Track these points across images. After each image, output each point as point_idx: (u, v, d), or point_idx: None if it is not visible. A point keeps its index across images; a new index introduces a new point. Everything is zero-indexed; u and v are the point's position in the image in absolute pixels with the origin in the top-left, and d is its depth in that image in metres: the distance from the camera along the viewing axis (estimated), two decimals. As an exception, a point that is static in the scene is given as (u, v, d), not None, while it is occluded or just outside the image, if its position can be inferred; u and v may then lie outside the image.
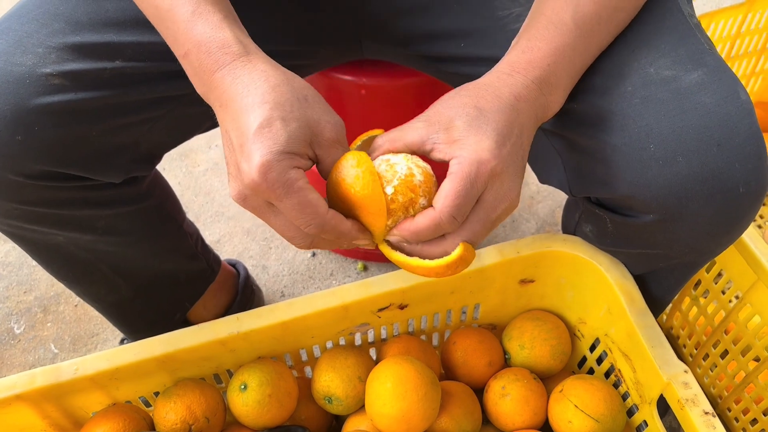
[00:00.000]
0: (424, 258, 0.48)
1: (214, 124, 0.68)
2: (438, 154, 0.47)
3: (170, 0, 0.47)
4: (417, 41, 0.66)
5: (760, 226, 1.09)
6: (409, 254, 0.49)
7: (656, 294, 0.70)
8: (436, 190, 0.47)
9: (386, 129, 0.94)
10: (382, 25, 0.66)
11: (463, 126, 0.46)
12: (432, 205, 0.46)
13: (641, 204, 0.53)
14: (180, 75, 0.58)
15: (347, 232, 0.47)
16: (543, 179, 0.65)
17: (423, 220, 0.46)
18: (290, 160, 0.43)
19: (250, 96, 0.44)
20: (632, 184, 0.52)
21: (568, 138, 0.58)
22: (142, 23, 0.55)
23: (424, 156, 0.49)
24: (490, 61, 0.59)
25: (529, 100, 0.49)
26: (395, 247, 0.50)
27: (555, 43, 0.50)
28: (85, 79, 0.55)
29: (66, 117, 0.55)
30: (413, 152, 0.49)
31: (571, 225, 0.71)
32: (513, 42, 0.53)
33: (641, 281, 0.69)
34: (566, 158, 0.59)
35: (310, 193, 0.44)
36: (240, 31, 0.47)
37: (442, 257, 0.48)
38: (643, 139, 0.51)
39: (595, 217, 0.62)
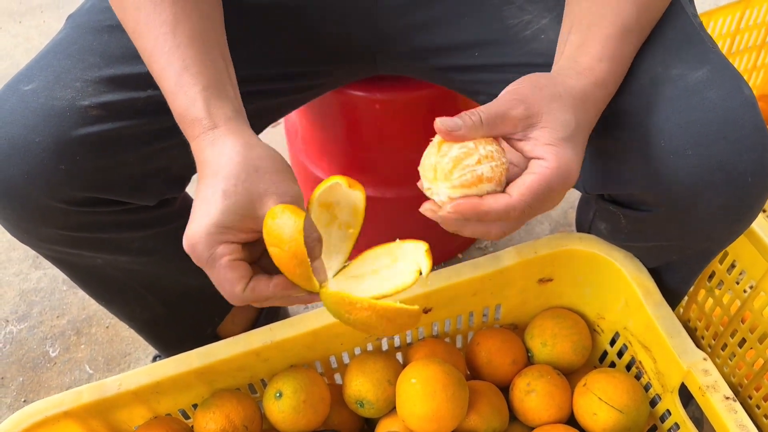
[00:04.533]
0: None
1: None
2: (526, 148, 0.48)
3: (162, 63, 0.51)
4: (431, 54, 0.69)
5: (770, 217, 1.11)
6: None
7: (672, 286, 0.72)
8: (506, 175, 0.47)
9: (400, 145, 0.98)
10: (396, 41, 0.69)
11: (563, 135, 0.47)
12: (504, 191, 0.47)
13: (654, 197, 0.56)
14: None
15: (271, 298, 0.50)
16: None
17: (494, 205, 0.46)
18: (220, 234, 0.47)
19: (208, 168, 0.49)
20: (645, 178, 0.55)
21: None
22: None
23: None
24: (505, 68, 0.62)
25: (601, 110, 0.52)
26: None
27: (612, 38, 0.52)
28: (120, 108, 0.59)
29: (105, 145, 0.59)
30: (504, 136, 0.49)
31: (585, 224, 0.73)
32: (578, 46, 0.53)
33: (656, 275, 0.71)
34: None
35: (229, 272, 0.48)
36: (219, 101, 0.51)
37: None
38: (654, 136, 0.53)
39: (609, 214, 0.65)
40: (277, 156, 0.50)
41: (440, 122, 0.47)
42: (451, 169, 0.46)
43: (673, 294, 0.74)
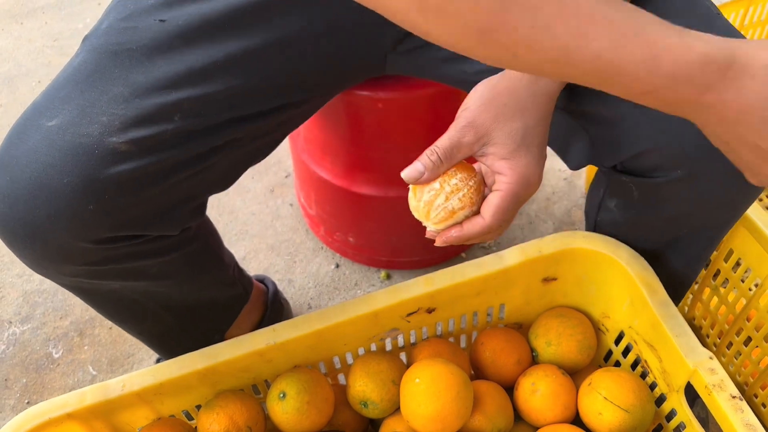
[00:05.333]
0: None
1: (257, 160, 0.70)
2: (487, 163, 0.54)
3: (609, 46, 0.40)
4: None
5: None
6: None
7: (679, 270, 0.72)
8: (480, 192, 0.56)
9: (403, 144, 0.97)
10: (413, 36, 0.66)
11: (513, 146, 0.53)
12: (479, 212, 0.56)
13: (670, 160, 0.56)
14: (234, 121, 0.60)
15: None
16: (573, 164, 0.67)
17: (473, 229, 0.56)
18: None
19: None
20: (661, 140, 0.55)
21: (591, 112, 0.60)
22: (195, 74, 0.57)
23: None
24: None
25: (557, 92, 0.53)
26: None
27: None
28: (149, 143, 0.56)
29: (134, 182, 0.57)
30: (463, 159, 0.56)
31: (595, 203, 0.72)
32: None
33: (663, 259, 0.70)
34: (594, 133, 0.61)
35: None
36: (701, 34, 0.42)
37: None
38: None
39: (621, 186, 0.64)
40: None
41: (405, 175, 0.55)
42: (428, 212, 0.56)
43: (680, 280, 0.73)
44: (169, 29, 0.58)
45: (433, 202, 0.56)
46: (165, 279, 0.69)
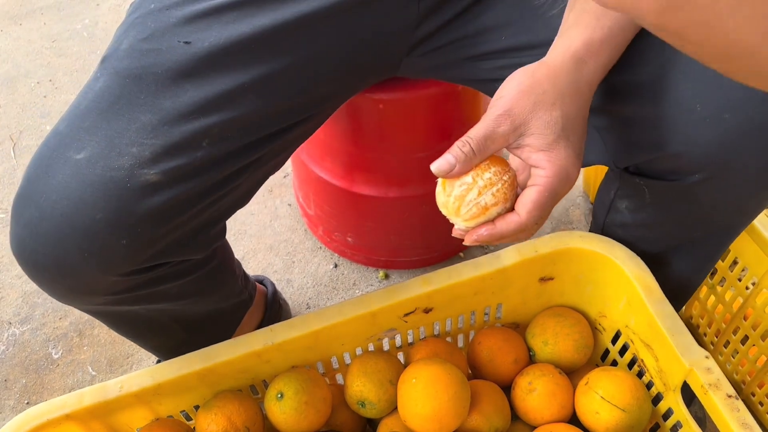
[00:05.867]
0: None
1: (273, 172, 0.69)
2: (523, 156, 0.50)
3: None
4: (462, 44, 0.66)
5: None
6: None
7: (689, 272, 0.71)
8: (514, 188, 0.53)
9: (403, 145, 0.97)
10: (431, 40, 0.66)
11: (552, 137, 0.49)
12: (514, 209, 0.52)
13: (689, 164, 0.55)
14: (257, 142, 0.59)
15: None
16: (583, 162, 0.67)
17: (507, 227, 0.51)
18: None
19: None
20: (681, 144, 0.54)
21: (611, 112, 0.59)
22: (223, 99, 0.56)
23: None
24: (527, 50, 0.60)
25: (598, 81, 0.51)
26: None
27: (604, 29, 0.51)
28: (179, 172, 0.55)
29: (165, 213, 0.56)
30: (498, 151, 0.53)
31: (605, 204, 0.71)
32: (572, 20, 0.53)
33: (668, 265, 0.70)
34: (607, 133, 0.60)
35: None
36: None
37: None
38: (689, 101, 0.52)
39: (634, 188, 0.63)
40: None
41: (435, 167, 0.50)
42: (458, 207, 0.52)
43: (685, 285, 0.73)
44: (195, 52, 0.56)
45: (465, 197, 0.51)
46: (184, 299, 0.69)
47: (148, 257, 0.57)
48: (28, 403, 1.03)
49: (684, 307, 0.94)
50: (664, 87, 0.54)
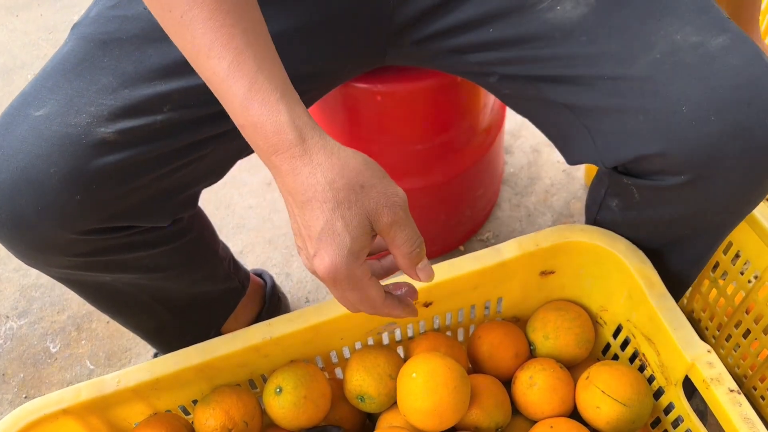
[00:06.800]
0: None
1: (246, 153, 0.69)
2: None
3: (226, 70, 0.45)
4: (448, 35, 0.65)
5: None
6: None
7: (682, 267, 0.71)
8: None
9: (401, 137, 0.97)
10: (414, 28, 0.66)
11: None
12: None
13: (674, 165, 0.55)
14: (224, 113, 0.60)
15: (397, 316, 0.53)
16: (572, 160, 0.66)
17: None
18: (355, 260, 0.47)
19: (310, 192, 0.46)
20: (666, 145, 0.54)
21: (598, 111, 0.59)
22: (186, 65, 0.55)
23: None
24: (521, 43, 0.60)
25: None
26: None
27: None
28: (137, 134, 0.56)
29: (122, 173, 0.56)
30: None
31: (596, 202, 0.71)
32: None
33: (664, 258, 0.70)
34: (596, 132, 0.60)
35: (372, 290, 0.49)
36: (298, 107, 0.47)
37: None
38: (675, 102, 0.53)
39: (623, 188, 0.63)
40: (368, 160, 0.48)
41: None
42: None
43: (680, 280, 0.73)
44: None
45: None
46: (157, 272, 0.68)
47: (106, 217, 0.57)
48: (26, 397, 1.02)
49: (686, 301, 0.94)
50: (650, 87, 0.54)
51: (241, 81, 0.45)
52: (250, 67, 0.46)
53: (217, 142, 0.62)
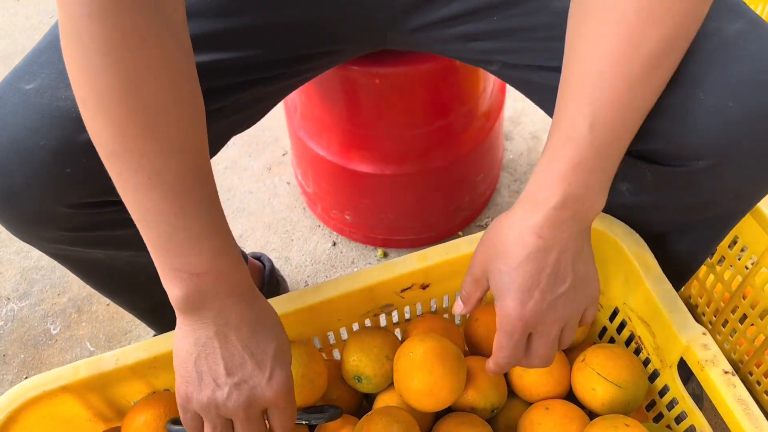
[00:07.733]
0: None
1: (240, 129, 0.69)
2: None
3: (202, 227, 0.52)
4: (451, 23, 0.65)
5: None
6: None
7: (689, 254, 0.71)
8: None
9: (400, 121, 0.97)
10: (416, 15, 0.66)
11: (494, 288, 0.55)
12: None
13: (693, 151, 0.55)
14: (219, 90, 0.60)
15: None
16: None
17: (490, 366, 0.60)
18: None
19: (269, 321, 0.55)
20: (685, 132, 0.54)
21: None
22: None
23: None
24: (519, 32, 0.59)
25: (558, 224, 0.52)
26: None
27: (574, 160, 0.50)
28: None
29: None
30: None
31: None
32: (538, 163, 0.55)
33: (674, 242, 0.70)
34: None
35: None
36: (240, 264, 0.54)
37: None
38: (691, 89, 0.52)
39: (636, 171, 0.63)
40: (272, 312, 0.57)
41: (454, 309, 0.63)
42: None
43: (685, 267, 0.72)
44: None
45: None
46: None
47: (97, 191, 0.58)
48: (26, 377, 1.03)
49: (683, 287, 0.94)
50: None
51: (213, 239, 0.52)
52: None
53: (210, 119, 0.62)
